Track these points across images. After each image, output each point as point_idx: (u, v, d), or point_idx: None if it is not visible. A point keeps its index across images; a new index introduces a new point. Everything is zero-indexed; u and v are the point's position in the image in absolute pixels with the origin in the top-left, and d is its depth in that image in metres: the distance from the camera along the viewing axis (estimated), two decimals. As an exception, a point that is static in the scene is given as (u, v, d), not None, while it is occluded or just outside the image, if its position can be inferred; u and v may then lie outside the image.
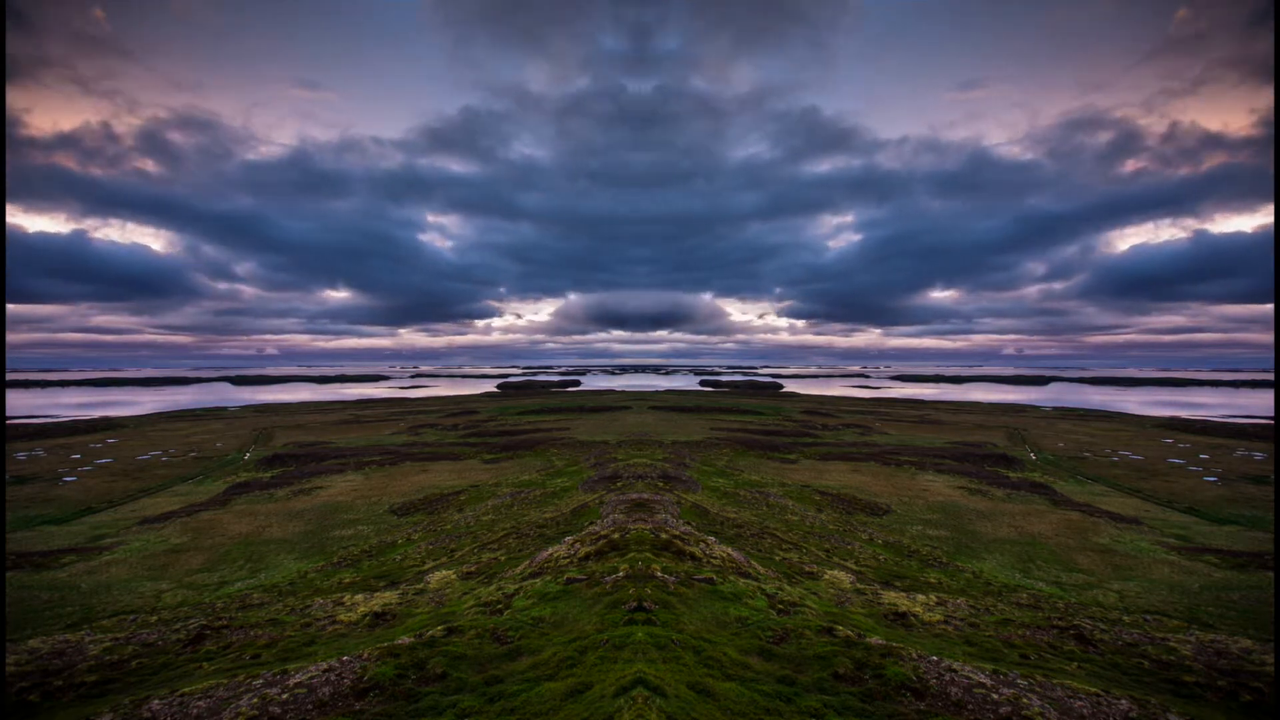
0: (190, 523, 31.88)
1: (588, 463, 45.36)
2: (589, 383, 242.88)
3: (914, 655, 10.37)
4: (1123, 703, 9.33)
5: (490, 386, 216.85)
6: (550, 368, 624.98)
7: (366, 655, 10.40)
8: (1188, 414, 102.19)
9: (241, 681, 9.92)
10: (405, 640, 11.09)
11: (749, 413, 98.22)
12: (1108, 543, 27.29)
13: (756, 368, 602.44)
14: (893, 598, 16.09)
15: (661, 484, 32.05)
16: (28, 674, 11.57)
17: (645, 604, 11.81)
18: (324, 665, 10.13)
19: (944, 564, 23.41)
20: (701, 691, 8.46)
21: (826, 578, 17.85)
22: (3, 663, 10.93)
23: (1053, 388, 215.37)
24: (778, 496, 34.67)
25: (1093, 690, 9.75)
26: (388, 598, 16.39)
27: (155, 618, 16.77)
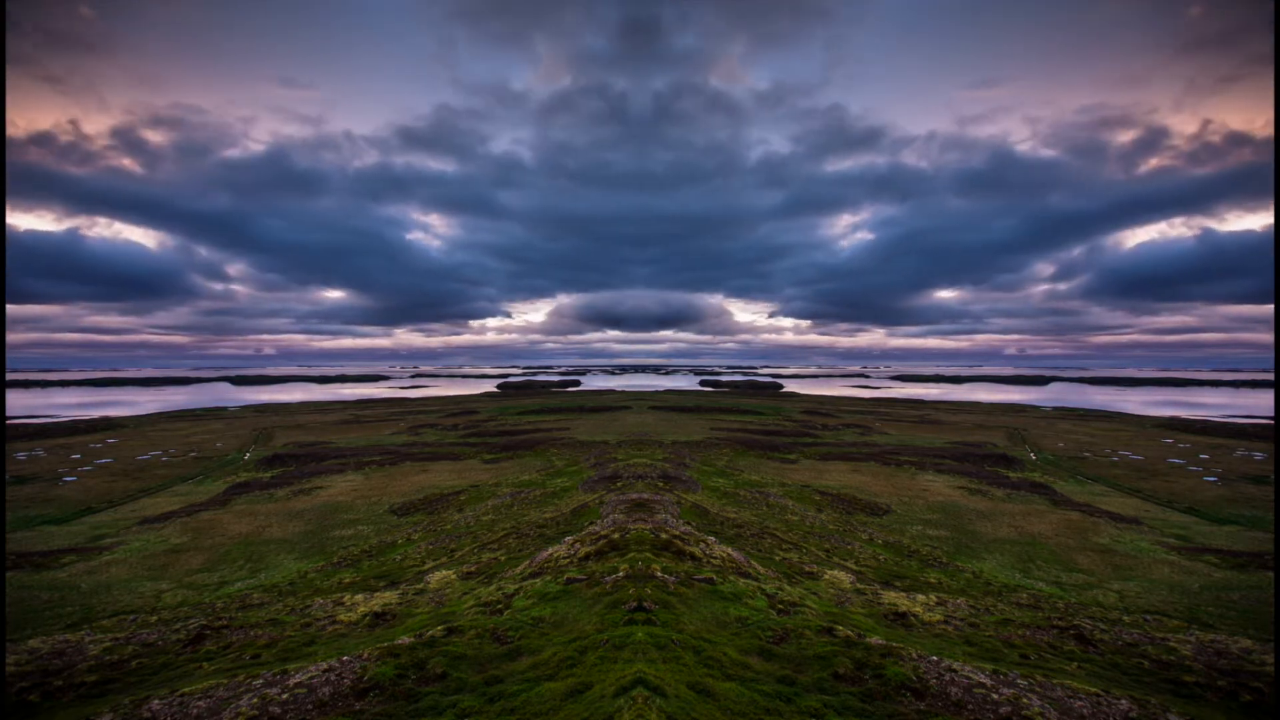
0: (190, 523, 31.88)
1: (588, 463, 45.36)
2: (589, 383, 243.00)
3: (914, 655, 10.38)
4: (1123, 703, 9.33)
5: (490, 386, 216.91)
6: (550, 368, 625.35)
7: (366, 655, 10.40)
8: (1188, 414, 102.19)
9: (241, 681, 9.93)
10: (405, 640, 11.09)
11: (749, 413, 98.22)
12: (1108, 543, 27.29)
13: (757, 368, 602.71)
14: (893, 598, 16.09)
15: (661, 484, 32.05)
16: (28, 674, 11.58)
17: (645, 604, 11.81)
18: (324, 665, 10.13)
19: (944, 564, 23.41)
20: (701, 691, 8.46)
21: (826, 578, 17.85)
22: (2, 663, 10.94)
23: (1053, 388, 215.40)
24: (778, 496, 34.66)
25: (1093, 690, 9.75)
26: (388, 598, 16.39)
27: (155, 618, 16.78)
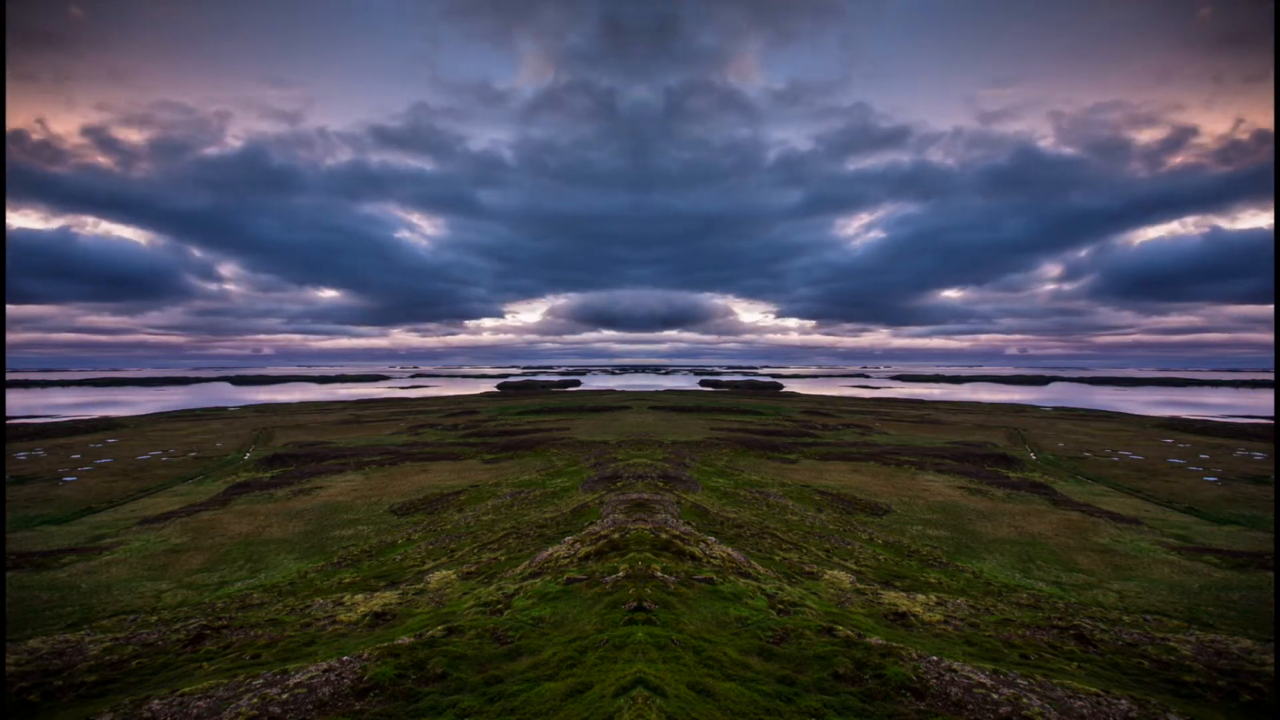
0: (190, 523, 31.88)
1: (588, 463, 45.36)
2: (589, 383, 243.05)
3: (914, 655, 10.37)
4: (1123, 703, 9.33)
5: (490, 386, 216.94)
6: (550, 368, 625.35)
7: (366, 655, 10.40)
8: (1188, 414, 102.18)
9: (241, 681, 9.93)
10: (405, 640, 11.09)
11: (749, 413, 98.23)
12: (1108, 543, 27.29)
13: (757, 368, 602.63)
14: (893, 598, 16.09)
15: (661, 484, 32.05)
16: (28, 674, 11.58)
17: (645, 604, 11.81)
18: (324, 665, 10.13)
19: (944, 564, 23.41)
20: (701, 691, 8.46)
21: (826, 578, 17.84)
22: (2, 663, 10.93)
23: (1054, 388, 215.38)
24: (778, 496, 34.66)
25: (1093, 690, 9.75)
26: (388, 598, 16.39)
27: (155, 618, 16.78)
